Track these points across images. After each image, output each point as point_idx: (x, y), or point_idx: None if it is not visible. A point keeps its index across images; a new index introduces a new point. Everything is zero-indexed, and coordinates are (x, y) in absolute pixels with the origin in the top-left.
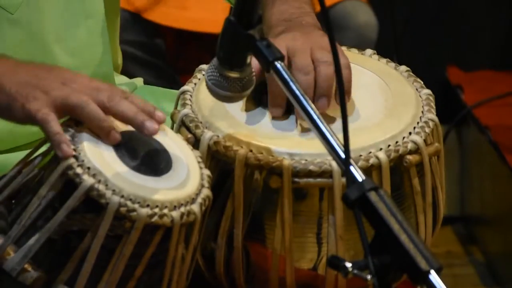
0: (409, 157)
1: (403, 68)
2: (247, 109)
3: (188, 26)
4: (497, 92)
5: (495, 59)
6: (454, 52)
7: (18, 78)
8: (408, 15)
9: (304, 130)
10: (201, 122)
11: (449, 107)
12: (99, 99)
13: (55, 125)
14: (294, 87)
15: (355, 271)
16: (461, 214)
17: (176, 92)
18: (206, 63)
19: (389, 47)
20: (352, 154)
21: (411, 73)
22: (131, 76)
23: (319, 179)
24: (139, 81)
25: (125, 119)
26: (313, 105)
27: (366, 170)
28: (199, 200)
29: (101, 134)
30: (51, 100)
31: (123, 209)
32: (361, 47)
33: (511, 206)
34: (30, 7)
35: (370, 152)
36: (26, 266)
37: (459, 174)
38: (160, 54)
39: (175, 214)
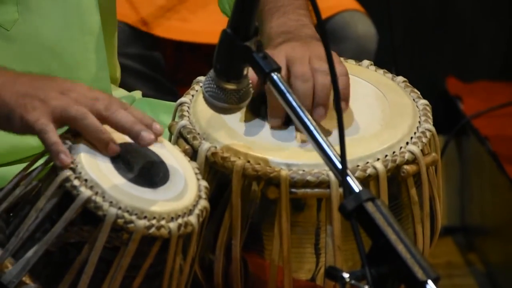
0: (406, 167)
1: (400, 78)
2: (245, 120)
3: (189, 38)
4: (496, 103)
5: (494, 70)
6: (453, 63)
7: (17, 88)
8: (407, 25)
9: (303, 141)
10: (198, 134)
11: (448, 118)
12: (96, 108)
13: (53, 135)
14: (290, 98)
15: (353, 282)
16: (461, 225)
17: (174, 104)
18: (205, 75)
19: (387, 58)
20: (349, 165)
21: (408, 84)
22: (129, 89)
23: (316, 190)
24: (137, 94)
25: (121, 129)
26: (309, 116)
27: (363, 181)
28: (197, 211)
29: (100, 146)
30: (50, 110)
31: (120, 221)
32: (360, 58)
33: (511, 216)
34: (26, 24)
35: (367, 162)
36: (24, 278)
37: (459, 185)
38: (158, 67)
39: (173, 225)
